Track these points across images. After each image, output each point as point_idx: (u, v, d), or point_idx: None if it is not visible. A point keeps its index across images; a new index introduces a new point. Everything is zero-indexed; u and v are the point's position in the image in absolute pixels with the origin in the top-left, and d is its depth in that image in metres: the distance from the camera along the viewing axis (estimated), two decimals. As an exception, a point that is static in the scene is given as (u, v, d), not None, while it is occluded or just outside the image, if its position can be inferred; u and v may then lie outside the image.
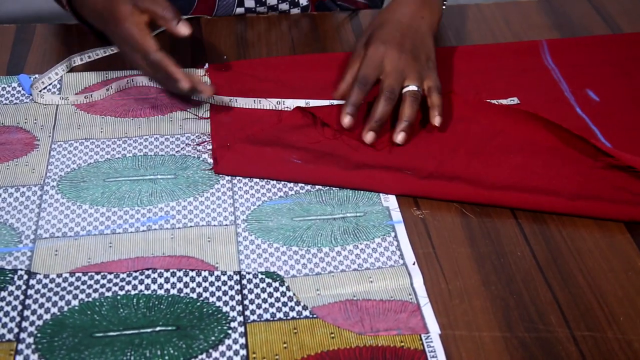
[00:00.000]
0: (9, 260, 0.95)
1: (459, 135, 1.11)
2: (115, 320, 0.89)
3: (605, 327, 0.89)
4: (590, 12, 1.40)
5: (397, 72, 1.11)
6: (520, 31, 1.35)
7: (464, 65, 1.25)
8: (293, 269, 0.95)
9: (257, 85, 1.21)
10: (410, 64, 1.12)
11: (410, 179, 1.03)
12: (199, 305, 0.90)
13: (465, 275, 0.95)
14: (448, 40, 1.33)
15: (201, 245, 0.97)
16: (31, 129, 1.13)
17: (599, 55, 1.28)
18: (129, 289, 0.92)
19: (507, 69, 1.25)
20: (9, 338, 0.87)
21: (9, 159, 1.08)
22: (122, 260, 0.95)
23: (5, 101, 1.18)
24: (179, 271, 0.94)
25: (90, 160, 1.08)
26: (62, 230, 0.99)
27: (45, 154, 1.09)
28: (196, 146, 1.11)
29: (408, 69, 1.12)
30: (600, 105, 1.18)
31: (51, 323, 0.88)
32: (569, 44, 1.30)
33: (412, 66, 1.12)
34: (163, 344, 0.86)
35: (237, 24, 1.35)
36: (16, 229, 0.99)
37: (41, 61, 1.26)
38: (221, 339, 0.87)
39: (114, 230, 0.99)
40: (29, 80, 1.20)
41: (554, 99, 1.19)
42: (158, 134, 1.12)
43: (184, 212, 1.01)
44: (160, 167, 1.07)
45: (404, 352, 0.86)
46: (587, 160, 1.06)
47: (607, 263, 0.97)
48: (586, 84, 1.22)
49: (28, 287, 0.92)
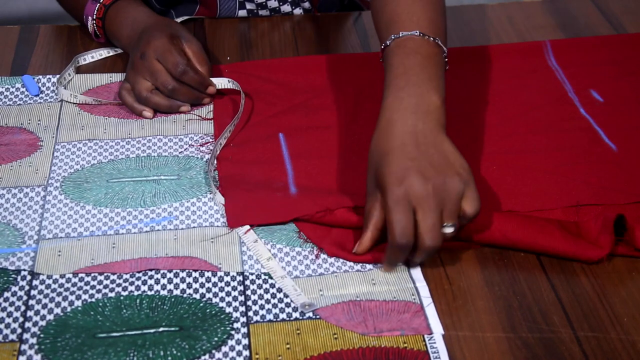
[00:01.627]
0: (12, 260, 0.95)
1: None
2: (119, 320, 0.89)
3: (609, 327, 0.89)
4: (594, 12, 1.39)
5: (433, 212, 0.88)
6: (524, 32, 1.35)
7: (468, 66, 1.25)
8: (296, 269, 0.95)
9: (261, 86, 1.21)
10: (441, 195, 0.89)
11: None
12: (202, 306, 0.90)
13: (468, 275, 0.95)
14: (452, 41, 1.32)
15: (204, 246, 0.97)
16: (35, 130, 1.13)
17: (603, 56, 1.28)
18: (132, 289, 0.92)
19: (510, 69, 1.25)
20: (12, 339, 0.87)
21: (13, 160, 1.08)
22: (125, 261, 0.95)
23: (9, 102, 1.18)
24: (182, 272, 0.94)
25: (94, 161, 1.08)
26: (65, 231, 0.99)
27: (48, 154, 1.09)
28: (199, 147, 1.11)
29: (442, 202, 0.89)
30: (604, 106, 1.18)
31: (54, 324, 0.88)
32: (573, 45, 1.30)
33: (445, 197, 0.89)
34: (166, 345, 0.86)
35: (240, 25, 1.35)
36: (19, 230, 0.99)
37: (45, 62, 1.26)
38: (224, 339, 0.87)
39: (117, 230, 0.99)
40: (33, 81, 1.20)
41: (558, 99, 1.19)
42: (161, 135, 1.12)
43: (187, 212, 1.01)
44: (164, 167, 1.07)
45: (407, 353, 0.86)
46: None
47: (610, 263, 0.96)
48: (590, 84, 1.22)
49: (31, 287, 0.92)
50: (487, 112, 1.17)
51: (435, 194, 0.88)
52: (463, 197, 0.89)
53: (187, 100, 1.15)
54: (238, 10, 1.37)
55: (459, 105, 1.18)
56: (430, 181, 0.88)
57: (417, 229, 0.89)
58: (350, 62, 1.26)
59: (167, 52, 1.12)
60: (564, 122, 1.15)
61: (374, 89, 1.21)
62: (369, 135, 0.95)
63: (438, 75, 0.96)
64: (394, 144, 0.91)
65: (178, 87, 1.13)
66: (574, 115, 1.16)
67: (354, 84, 1.22)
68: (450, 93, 1.19)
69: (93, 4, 1.23)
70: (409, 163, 0.89)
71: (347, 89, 1.21)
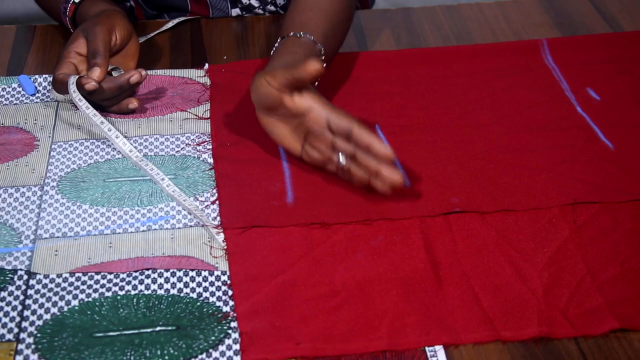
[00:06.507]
0: (9, 260, 0.95)
1: None
2: (115, 320, 0.89)
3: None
4: (591, 10, 1.39)
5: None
6: (521, 30, 1.35)
7: (464, 64, 1.25)
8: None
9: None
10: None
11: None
12: (199, 305, 0.90)
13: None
14: (449, 39, 1.32)
15: (201, 245, 0.97)
16: (31, 130, 1.13)
17: (600, 54, 1.28)
18: (129, 289, 0.92)
19: (507, 68, 1.25)
20: (9, 338, 0.87)
21: (9, 160, 1.08)
22: (122, 260, 0.95)
23: (5, 102, 1.18)
24: (179, 271, 0.94)
25: (90, 161, 1.08)
26: (62, 231, 0.99)
27: (45, 154, 1.09)
28: (196, 146, 1.11)
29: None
30: (600, 104, 1.18)
31: (51, 323, 0.88)
32: (570, 43, 1.30)
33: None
34: (163, 344, 0.86)
35: (237, 24, 1.35)
36: (16, 229, 0.99)
37: (41, 62, 1.26)
38: (221, 338, 0.87)
39: (114, 230, 0.99)
40: (29, 81, 1.20)
41: (555, 97, 1.19)
42: (158, 134, 1.12)
43: (184, 212, 1.01)
44: (160, 167, 1.07)
45: (405, 352, 0.86)
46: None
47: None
48: (586, 82, 1.22)
49: (28, 287, 0.92)
50: (483, 110, 1.17)
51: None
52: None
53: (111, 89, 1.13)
54: (231, 9, 1.37)
55: (455, 103, 1.18)
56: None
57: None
58: (346, 61, 1.26)
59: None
60: (561, 120, 1.15)
61: (369, 87, 1.21)
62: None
63: (292, 51, 1.09)
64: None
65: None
66: (570, 113, 1.16)
67: (350, 82, 1.22)
68: (447, 91, 1.20)
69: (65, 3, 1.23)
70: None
71: (343, 87, 1.21)
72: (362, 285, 0.92)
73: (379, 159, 0.98)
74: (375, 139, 0.98)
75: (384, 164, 0.98)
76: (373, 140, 0.98)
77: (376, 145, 0.98)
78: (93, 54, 1.12)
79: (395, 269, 0.94)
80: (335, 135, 1.00)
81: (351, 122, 0.99)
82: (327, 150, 1.01)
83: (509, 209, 1.01)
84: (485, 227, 0.99)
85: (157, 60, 1.27)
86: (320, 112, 1.01)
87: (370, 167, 0.98)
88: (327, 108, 1.01)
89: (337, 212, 1.00)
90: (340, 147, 1.00)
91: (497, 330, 0.87)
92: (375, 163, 0.98)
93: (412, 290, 0.91)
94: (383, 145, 0.98)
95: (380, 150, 0.98)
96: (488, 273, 0.93)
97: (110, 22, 1.15)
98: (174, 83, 1.21)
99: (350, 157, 1.00)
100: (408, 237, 0.97)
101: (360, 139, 0.99)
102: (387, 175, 0.98)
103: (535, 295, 0.91)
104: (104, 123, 1.08)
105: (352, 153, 0.99)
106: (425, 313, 0.89)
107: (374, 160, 0.98)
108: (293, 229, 0.98)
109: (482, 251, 0.96)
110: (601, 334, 0.87)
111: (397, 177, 0.97)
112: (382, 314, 0.89)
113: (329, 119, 1.00)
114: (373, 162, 0.98)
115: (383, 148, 0.98)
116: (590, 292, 0.91)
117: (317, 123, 1.01)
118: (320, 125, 1.01)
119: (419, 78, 1.23)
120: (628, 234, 0.98)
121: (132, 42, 1.20)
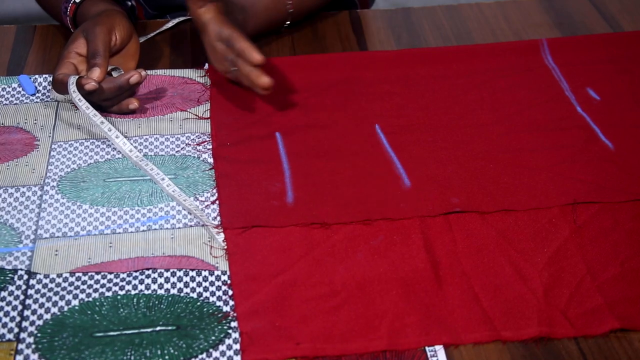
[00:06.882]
0: (9, 260, 0.95)
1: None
2: (116, 320, 0.89)
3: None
4: (591, 10, 1.39)
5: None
6: (521, 30, 1.35)
7: (464, 64, 1.25)
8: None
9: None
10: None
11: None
12: (199, 305, 0.90)
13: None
14: (449, 39, 1.32)
15: (201, 245, 0.97)
16: (31, 129, 1.13)
17: (600, 54, 1.28)
18: (129, 288, 0.92)
19: (507, 68, 1.25)
20: (9, 338, 0.87)
21: (9, 159, 1.08)
22: (122, 260, 0.95)
23: (6, 101, 1.18)
24: (179, 271, 0.94)
25: (90, 161, 1.08)
26: (62, 230, 0.99)
27: (45, 154, 1.09)
28: (196, 146, 1.11)
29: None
30: (600, 104, 1.18)
31: (51, 323, 0.88)
32: (569, 43, 1.30)
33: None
34: (163, 344, 0.86)
35: (237, 23, 1.35)
36: (16, 229, 0.99)
37: (42, 62, 1.26)
38: (221, 338, 0.87)
39: (114, 230, 0.99)
40: (29, 81, 1.20)
41: (554, 97, 1.19)
42: (158, 134, 1.12)
43: (185, 211, 1.01)
44: (160, 167, 1.07)
45: (405, 352, 0.86)
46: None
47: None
48: (586, 82, 1.22)
49: (28, 287, 0.92)
50: (483, 110, 1.17)
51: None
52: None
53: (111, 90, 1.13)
54: None
55: (455, 103, 1.18)
56: None
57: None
58: (347, 61, 1.26)
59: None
60: (561, 120, 1.15)
61: (369, 87, 1.21)
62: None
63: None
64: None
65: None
66: (570, 113, 1.16)
67: (350, 82, 1.22)
68: (447, 91, 1.20)
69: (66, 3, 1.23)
70: None
71: (343, 87, 1.21)
72: (362, 285, 0.92)
73: (251, 63, 1.11)
74: (248, 46, 1.10)
75: (254, 69, 1.11)
76: (246, 47, 1.10)
77: (247, 52, 1.10)
78: (93, 54, 1.12)
79: (395, 269, 0.94)
80: (226, 46, 1.13)
81: (231, 33, 1.12)
82: (226, 62, 1.14)
83: (509, 209, 1.01)
84: (485, 227, 0.99)
85: (157, 60, 1.27)
86: (213, 26, 1.14)
87: (244, 72, 1.12)
88: (218, 22, 1.13)
89: (337, 212, 1.00)
90: (227, 57, 1.14)
91: (497, 330, 0.87)
92: (249, 69, 1.11)
93: (412, 290, 0.91)
94: (254, 52, 1.10)
95: (249, 57, 1.10)
96: (488, 273, 0.93)
97: (110, 22, 1.15)
98: (174, 83, 1.22)
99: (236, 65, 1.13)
100: (408, 237, 0.97)
101: (237, 47, 1.11)
102: (254, 79, 1.11)
103: (535, 295, 0.91)
104: (104, 123, 1.09)
105: (234, 61, 1.13)
106: (425, 313, 0.89)
107: (248, 66, 1.11)
108: (293, 229, 0.98)
109: (482, 251, 0.96)
110: (601, 334, 0.87)
111: (264, 80, 1.10)
112: (382, 314, 0.89)
113: (220, 33, 1.13)
114: (247, 68, 1.11)
115: (253, 55, 1.10)
116: (591, 292, 0.91)
117: (212, 37, 1.14)
118: (215, 38, 1.14)
119: (419, 78, 1.23)
120: (628, 234, 0.98)
121: (133, 42, 1.20)
